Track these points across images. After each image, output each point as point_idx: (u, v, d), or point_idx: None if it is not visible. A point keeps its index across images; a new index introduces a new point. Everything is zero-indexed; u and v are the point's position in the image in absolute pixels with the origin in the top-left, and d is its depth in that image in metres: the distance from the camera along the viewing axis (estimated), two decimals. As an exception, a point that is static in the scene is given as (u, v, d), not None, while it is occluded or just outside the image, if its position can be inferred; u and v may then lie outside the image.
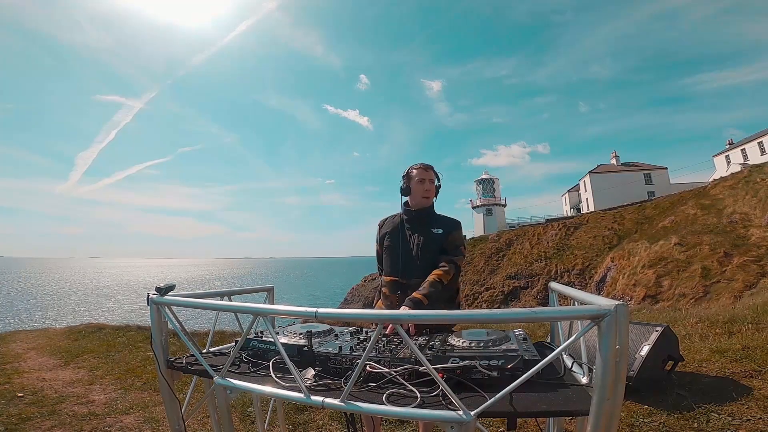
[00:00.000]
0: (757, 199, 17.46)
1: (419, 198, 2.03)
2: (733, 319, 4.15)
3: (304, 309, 1.10)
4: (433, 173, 2.05)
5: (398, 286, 1.96)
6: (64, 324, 11.43)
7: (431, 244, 1.96)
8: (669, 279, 15.61)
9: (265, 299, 1.97)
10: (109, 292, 51.52)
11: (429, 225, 2.00)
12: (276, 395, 1.11)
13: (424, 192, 2.01)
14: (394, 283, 1.98)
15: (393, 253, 2.02)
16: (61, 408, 3.41)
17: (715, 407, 2.47)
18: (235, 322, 1.76)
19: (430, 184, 2.02)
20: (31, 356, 5.58)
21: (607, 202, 32.00)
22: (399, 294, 1.92)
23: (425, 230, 1.99)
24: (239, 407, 3.16)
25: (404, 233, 2.03)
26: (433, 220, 2.03)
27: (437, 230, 1.98)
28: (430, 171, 2.04)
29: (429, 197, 2.03)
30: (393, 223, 2.11)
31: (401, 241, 2.01)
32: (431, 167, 2.06)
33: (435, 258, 1.93)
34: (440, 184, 2.10)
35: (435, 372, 0.97)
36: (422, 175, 2.02)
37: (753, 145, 30.14)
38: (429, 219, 2.03)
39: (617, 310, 0.82)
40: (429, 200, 2.04)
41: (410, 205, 2.07)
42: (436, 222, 2.02)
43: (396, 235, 2.05)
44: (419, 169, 2.04)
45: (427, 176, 2.02)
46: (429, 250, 1.95)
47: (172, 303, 1.40)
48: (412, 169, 2.05)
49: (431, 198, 2.04)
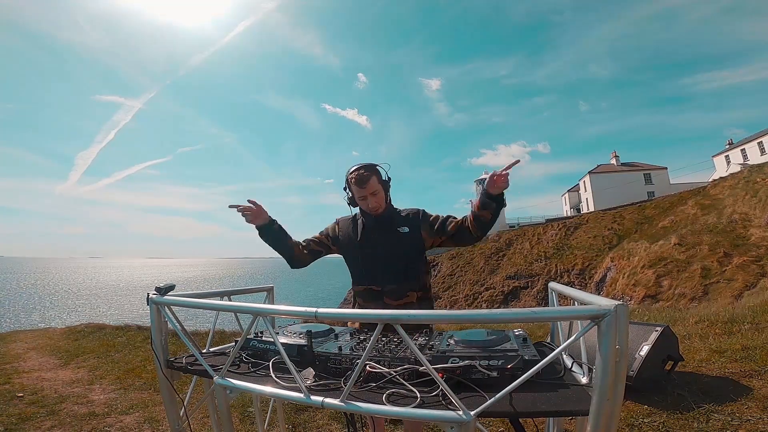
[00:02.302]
0: (757, 199, 17.46)
1: (372, 213, 1.84)
2: (732, 319, 4.15)
3: (304, 309, 1.10)
4: (373, 181, 1.78)
5: (373, 294, 1.83)
6: (64, 324, 11.43)
7: (400, 246, 1.81)
8: (669, 279, 15.61)
9: (264, 299, 1.96)
10: (109, 292, 51.51)
11: (394, 225, 1.84)
12: (276, 395, 1.11)
13: (371, 209, 1.82)
14: (367, 291, 1.85)
15: (360, 261, 1.87)
16: (61, 408, 3.41)
17: (715, 407, 2.47)
18: (235, 322, 1.76)
19: (373, 197, 1.79)
20: (31, 356, 5.58)
21: (607, 202, 32.02)
22: (375, 303, 1.81)
23: (391, 232, 1.83)
24: (239, 407, 3.16)
25: (369, 238, 1.86)
26: (396, 221, 1.86)
27: (403, 229, 1.82)
28: (369, 182, 1.77)
29: (378, 210, 1.82)
30: (352, 227, 1.92)
31: (367, 247, 1.85)
32: (366, 175, 1.76)
33: (407, 259, 1.81)
34: (388, 177, 1.86)
35: (435, 372, 0.97)
36: (359, 193, 1.79)
37: (753, 145, 30.16)
38: (392, 220, 1.86)
39: (617, 310, 0.82)
40: (380, 210, 1.83)
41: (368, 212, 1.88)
42: (400, 220, 1.86)
43: (357, 242, 1.87)
44: (354, 184, 1.78)
45: (368, 191, 1.77)
46: (398, 252, 1.81)
47: (172, 303, 1.40)
48: (350, 182, 1.81)
49: (381, 208, 1.83)
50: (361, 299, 1.90)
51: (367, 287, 1.86)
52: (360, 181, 1.77)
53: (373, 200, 1.80)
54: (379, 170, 1.84)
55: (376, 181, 1.80)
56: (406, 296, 1.81)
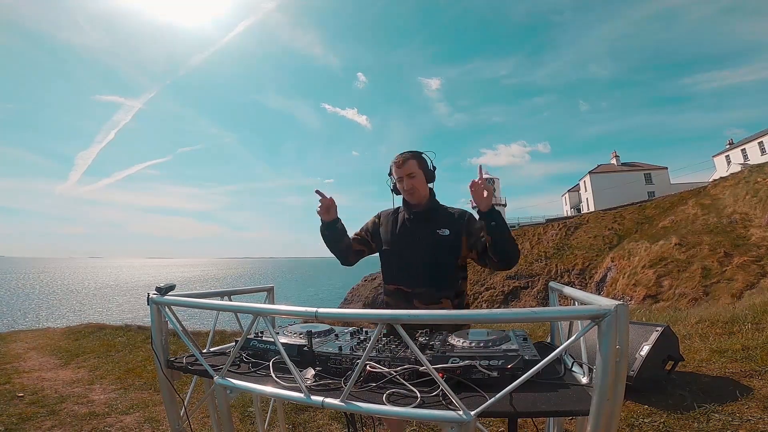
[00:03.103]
0: (757, 199, 17.46)
1: (407, 198, 1.82)
2: (733, 319, 4.14)
3: (304, 309, 1.10)
4: (412, 164, 1.77)
5: (402, 294, 1.77)
6: (64, 324, 11.43)
7: (437, 249, 1.74)
8: (669, 279, 15.62)
9: (265, 299, 1.96)
10: (109, 292, 51.53)
11: (433, 225, 1.77)
12: (276, 395, 1.11)
13: (406, 192, 1.79)
14: (397, 291, 1.80)
15: (394, 259, 1.82)
16: (61, 408, 3.42)
17: (716, 407, 2.47)
18: (235, 322, 1.76)
19: (410, 179, 1.76)
20: (32, 356, 5.59)
21: (608, 202, 32.01)
22: (404, 304, 1.74)
23: (429, 232, 1.76)
24: (239, 407, 3.16)
25: (405, 234, 1.81)
26: (438, 219, 1.79)
27: (443, 231, 1.74)
28: (407, 163, 1.76)
29: (414, 193, 1.78)
30: (393, 222, 1.88)
31: (403, 245, 1.80)
32: (410, 157, 1.77)
33: (441, 263, 1.73)
34: (434, 167, 1.83)
35: (435, 372, 0.97)
36: (398, 173, 1.79)
37: (753, 145, 30.15)
38: (431, 218, 1.79)
39: (617, 310, 0.82)
40: (416, 196, 1.79)
41: (409, 204, 1.84)
42: (441, 220, 1.78)
43: (396, 238, 1.83)
44: (394, 165, 1.80)
45: (404, 171, 1.76)
46: (434, 255, 1.73)
47: (172, 303, 1.40)
48: (392, 166, 1.82)
49: (418, 193, 1.79)
50: (390, 299, 1.84)
51: (398, 287, 1.80)
52: (401, 159, 1.77)
53: (409, 182, 1.77)
54: (423, 157, 1.82)
55: (416, 165, 1.78)
56: (440, 303, 1.73)
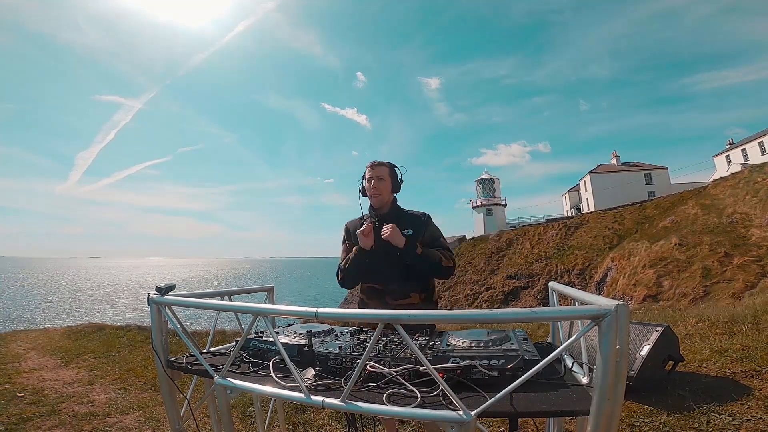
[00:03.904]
0: (758, 199, 17.45)
1: (371, 199, 1.96)
2: (733, 319, 4.14)
3: (304, 309, 1.10)
4: (384, 170, 1.94)
5: (375, 292, 1.93)
6: (64, 324, 11.44)
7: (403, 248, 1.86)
8: (669, 279, 15.61)
9: (265, 299, 1.97)
10: (109, 292, 51.53)
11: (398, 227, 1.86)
12: (276, 395, 1.11)
13: (372, 192, 1.93)
14: (371, 289, 1.95)
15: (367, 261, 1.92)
16: (61, 408, 3.42)
17: (716, 407, 2.47)
18: (235, 321, 1.77)
19: (378, 182, 1.92)
20: (32, 356, 5.59)
21: (608, 202, 31.98)
22: (377, 301, 1.91)
23: None
24: (239, 407, 3.16)
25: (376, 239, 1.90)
26: (401, 220, 1.91)
27: (407, 231, 1.87)
28: (381, 168, 1.94)
29: (377, 196, 1.93)
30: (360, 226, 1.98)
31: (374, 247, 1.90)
32: (383, 163, 1.96)
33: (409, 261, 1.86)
34: (401, 179, 2.00)
35: (435, 372, 0.97)
36: (369, 173, 1.94)
37: (753, 145, 30.12)
38: (394, 220, 1.90)
39: (617, 310, 0.82)
40: (379, 199, 1.94)
41: (374, 209, 1.99)
42: (404, 221, 1.91)
43: None
44: (369, 167, 1.96)
45: (374, 173, 1.92)
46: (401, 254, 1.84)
47: (172, 303, 1.40)
48: (367, 168, 1.97)
49: (381, 197, 1.93)
50: (365, 296, 1.98)
51: (371, 285, 1.96)
52: (375, 163, 1.96)
53: (378, 184, 1.92)
54: (396, 170, 2.00)
55: (387, 172, 1.95)
56: (409, 297, 1.87)
